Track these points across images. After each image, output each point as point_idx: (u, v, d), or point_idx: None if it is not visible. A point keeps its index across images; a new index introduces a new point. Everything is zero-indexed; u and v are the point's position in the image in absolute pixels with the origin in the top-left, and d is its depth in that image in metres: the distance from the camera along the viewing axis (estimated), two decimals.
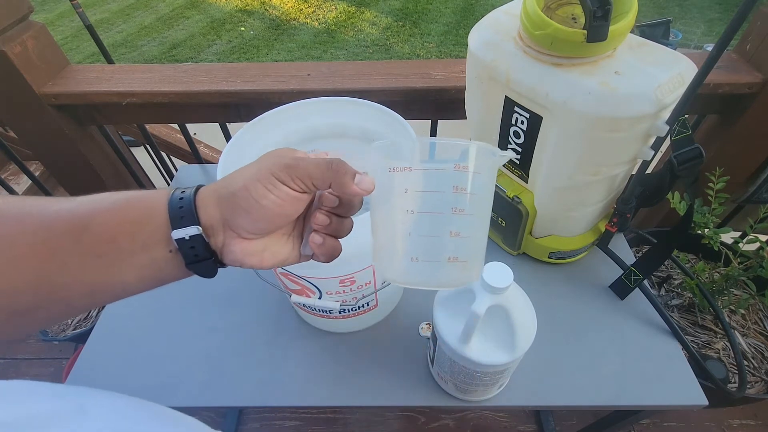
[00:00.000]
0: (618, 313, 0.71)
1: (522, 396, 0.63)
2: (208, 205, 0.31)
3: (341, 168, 0.31)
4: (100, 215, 0.29)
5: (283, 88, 0.85)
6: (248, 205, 0.30)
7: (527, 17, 0.53)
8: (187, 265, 0.31)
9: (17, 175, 2.10)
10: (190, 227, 0.30)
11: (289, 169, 0.30)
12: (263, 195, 0.30)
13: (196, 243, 0.30)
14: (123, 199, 0.30)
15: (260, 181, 0.30)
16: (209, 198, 0.31)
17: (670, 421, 1.16)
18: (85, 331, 1.29)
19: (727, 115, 0.89)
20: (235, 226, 0.31)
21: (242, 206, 0.30)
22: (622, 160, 0.60)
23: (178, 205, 0.30)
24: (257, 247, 0.33)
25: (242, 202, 0.30)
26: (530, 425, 1.19)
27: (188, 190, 0.32)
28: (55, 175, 1.03)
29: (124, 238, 0.29)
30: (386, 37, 4.08)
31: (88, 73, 0.91)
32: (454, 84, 0.84)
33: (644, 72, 0.53)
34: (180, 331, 0.71)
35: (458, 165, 0.31)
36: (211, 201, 0.31)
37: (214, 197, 0.31)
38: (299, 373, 0.66)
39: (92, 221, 0.29)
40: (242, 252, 0.32)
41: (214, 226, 0.31)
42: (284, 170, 0.30)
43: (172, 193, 0.31)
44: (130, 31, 4.33)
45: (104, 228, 0.29)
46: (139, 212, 0.30)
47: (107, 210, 0.30)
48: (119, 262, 0.29)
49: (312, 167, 0.30)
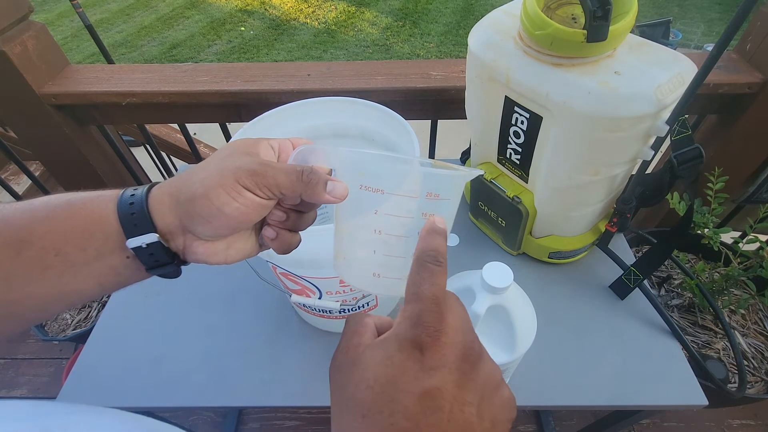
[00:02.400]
0: (618, 313, 0.71)
1: (522, 396, 0.63)
2: (164, 210, 0.28)
3: (313, 179, 0.28)
4: (40, 225, 0.27)
5: (283, 88, 0.85)
6: (209, 214, 0.27)
7: (527, 17, 0.53)
8: (147, 270, 0.29)
9: (17, 175, 2.10)
10: (146, 235, 0.27)
11: (256, 176, 0.27)
12: (226, 203, 0.27)
13: (155, 249, 0.28)
14: (65, 205, 0.27)
15: (223, 188, 0.27)
16: (164, 202, 0.29)
17: (670, 421, 1.16)
18: (86, 331, 1.29)
19: (727, 115, 0.89)
20: (195, 232, 0.29)
21: (202, 215, 0.28)
22: (622, 160, 0.60)
23: (129, 211, 0.28)
24: (220, 246, 0.31)
25: (202, 211, 0.27)
26: (530, 425, 1.19)
27: (138, 190, 0.29)
28: (55, 175, 1.03)
29: (73, 249, 0.27)
30: (386, 37, 4.08)
31: (88, 73, 0.91)
32: (454, 84, 0.84)
33: (644, 72, 0.53)
34: (180, 331, 0.71)
35: (430, 194, 0.30)
36: (167, 205, 0.28)
37: (170, 202, 0.29)
38: (299, 373, 0.66)
39: (32, 233, 0.26)
40: (205, 253, 0.30)
41: (172, 231, 0.29)
42: (250, 177, 0.27)
43: (120, 195, 0.28)
44: (130, 31, 4.33)
45: (47, 240, 0.26)
46: (85, 221, 0.27)
47: (47, 218, 0.27)
48: (71, 273, 0.27)
49: (281, 177, 0.28)
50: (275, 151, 0.32)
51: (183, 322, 0.72)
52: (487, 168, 0.75)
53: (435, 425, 0.19)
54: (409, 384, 0.20)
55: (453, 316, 0.22)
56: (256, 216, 0.29)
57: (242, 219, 0.28)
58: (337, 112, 0.65)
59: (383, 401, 0.20)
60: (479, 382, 0.21)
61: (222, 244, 0.31)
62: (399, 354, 0.21)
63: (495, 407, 0.22)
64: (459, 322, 0.23)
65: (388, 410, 0.20)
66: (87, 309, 1.36)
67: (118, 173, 1.09)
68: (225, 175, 0.27)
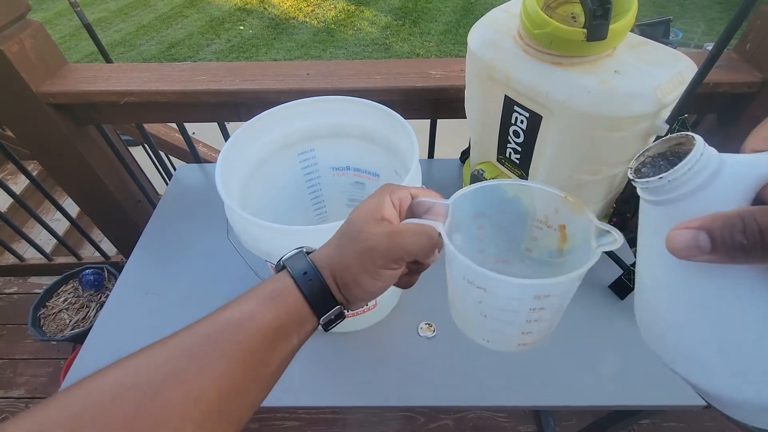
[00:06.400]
0: (618, 313, 0.71)
1: (522, 396, 0.63)
2: (334, 288, 0.34)
3: (439, 242, 0.33)
4: (264, 325, 0.32)
5: (282, 87, 0.85)
6: (362, 294, 0.34)
7: (527, 16, 0.53)
8: (325, 329, 0.36)
9: (15, 175, 2.10)
10: (334, 309, 0.34)
11: (390, 252, 0.32)
12: (372, 284, 0.33)
13: (335, 314, 0.35)
14: (271, 305, 0.32)
15: (367, 273, 0.33)
16: (333, 284, 0.34)
17: (669, 421, 1.16)
18: (84, 331, 1.29)
19: (726, 114, 0.89)
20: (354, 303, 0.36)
21: (358, 296, 0.34)
22: (621, 159, 0.60)
23: (320, 298, 0.33)
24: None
25: (357, 293, 0.34)
26: (530, 425, 1.19)
27: (312, 279, 0.33)
28: (53, 174, 1.03)
29: (291, 337, 0.33)
30: (386, 36, 4.08)
31: (86, 72, 0.90)
32: (454, 83, 0.84)
33: (644, 71, 0.52)
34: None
35: (539, 296, 0.30)
36: (334, 285, 0.34)
37: (336, 283, 0.34)
38: (298, 373, 0.65)
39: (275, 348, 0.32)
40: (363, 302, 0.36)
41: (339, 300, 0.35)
42: (385, 258, 0.32)
43: (304, 286, 0.33)
44: (128, 30, 4.33)
45: (275, 332, 0.32)
46: (291, 315, 0.33)
47: (271, 320, 0.32)
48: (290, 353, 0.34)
49: (415, 248, 0.32)
50: (396, 208, 0.35)
51: (182, 322, 0.71)
52: (487, 167, 0.75)
53: None
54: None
55: None
56: (394, 281, 0.35)
57: (385, 289, 0.35)
58: (336, 111, 0.64)
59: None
60: None
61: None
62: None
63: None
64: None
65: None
66: (85, 309, 1.36)
67: (117, 173, 1.09)
68: (364, 259, 0.32)
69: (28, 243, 1.40)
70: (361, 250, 0.32)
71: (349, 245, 0.33)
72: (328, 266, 0.34)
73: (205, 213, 0.89)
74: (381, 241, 0.32)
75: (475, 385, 0.64)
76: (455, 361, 0.66)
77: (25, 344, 1.41)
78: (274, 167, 0.66)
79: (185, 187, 0.98)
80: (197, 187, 0.98)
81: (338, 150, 0.70)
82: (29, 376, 1.34)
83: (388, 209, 0.34)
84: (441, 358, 0.67)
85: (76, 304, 1.36)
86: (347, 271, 0.33)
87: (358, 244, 0.33)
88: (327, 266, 0.34)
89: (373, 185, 0.72)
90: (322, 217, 0.80)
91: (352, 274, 0.33)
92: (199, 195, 0.96)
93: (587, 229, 0.31)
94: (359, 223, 0.34)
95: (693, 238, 0.20)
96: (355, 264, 0.33)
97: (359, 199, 0.75)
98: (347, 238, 0.34)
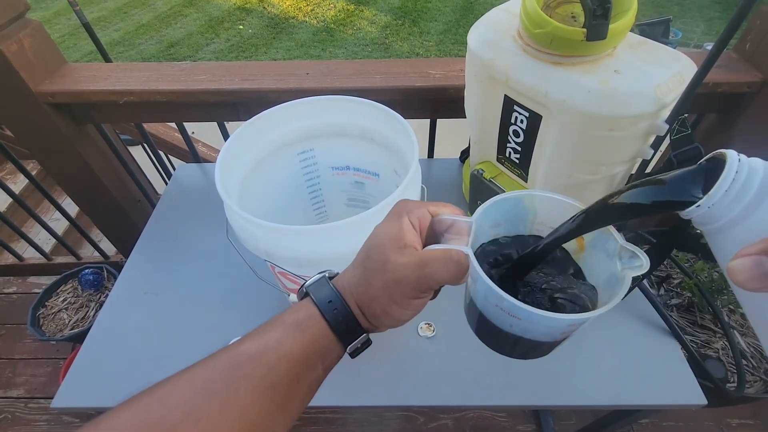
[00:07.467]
0: (618, 312, 0.71)
1: (521, 395, 0.63)
2: (359, 315, 0.34)
3: (466, 265, 0.32)
4: (288, 355, 0.31)
5: (281, 86, 0.85)
6: (392, 323, 0.34)
7: (527, 16, 0.53)
8: (351, 356, 0.36)
9: (14, 174, 2.10)
10: (360, 337, 0.34)
11: (418, 283, 0.31)
12: (401, 313, 0.33)
13: (362, 342, 0.34)
14: (296, 335, 0.32)
15: (396, 304, 0.32)
16: (358, 311, 0.34)
17: (669, 421, 1.16)
18: (83, 330, 1.29)
19: (726, 114, 0.89)
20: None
21: (388, 325, 0.34)
22: (621, 159, 0.60)
23: (345, 326, 0.33)
24: None
25: (388, 323, 0.34)
26: (529, 425, 1.19)
27: (337, 308, 0.33)
28: (52, 174, 1.03)
29: (317, 367, 0.33)
30: (385, 35, 4.07)
31: (85, 72, 0.90)
32: (454, 83, 0.84)
33: (644, 71, 0.52)
34: (178, 330, 0.71)
35: (573, 324, 0.30)
36: (360, 313, 0.34)
37: (362, 312, 0.34)
38: None
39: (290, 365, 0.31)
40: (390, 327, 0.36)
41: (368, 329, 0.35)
42: (413, 289, 0.31)
43: (329, 315, 0.33)
44: (127, 30, 4.32)
45: (299, 365, 0.31)
46: (316, 345, 0.32)
47: (295, 350, 0.31)
48: (315, 384, 0.34)
49: (444, 276, 0.31)
50: (417, 229, 0.34)
51: (182, 322, 0.72)
52: (487, 167, 0.75)
53: None
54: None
55: None
56: (424, 306, 0.34)
57: (416, 315, 0.34)
58: (335, 111, 0.64)
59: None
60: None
61: None
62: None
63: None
64: None
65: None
66: (84, 309, 1.36)
67: (116, 172, 1.08)
68: (392, 291, 0.31)
69: (27, 242, 1.40)
70: (388, 281, 0.31)
71: (374, 276, 0.32)
72: (353, 294, 0.33)
73: (204, 212, 0.89)
74: (409, 273, 0.31)
75: (474, 385, 0.64)
76: (455, 360, 0.66)
77: (24, 344, 1.41)
78: (273, 167, 0.66)
79: (185, 186, 0.98)
80: (197, 186, 0.98)
81: (338, 149, 0.70)
82: (28, 376, 1.34)
83: (408, 234, 0.33)
84: (441, 357, 0.67)
85: (76, 304, 1.36)
86: (375, 302, 0.32)
87: (385, 275, 0.32)
88: (351, 294, 0.33)
89: (372, 185, 0.72)
90: (321, 217, 0.80)
91: (380, 306, 0.32)
92: (199, 195, 0.96)
93: (604, 238, 0.32)
94: (382, 251, 0.32)
95: (756, 265, 0.17)
96: (382, 296, 0.32)
97: (359, 199, 0.75)
98: (372, 269, 0.33)
